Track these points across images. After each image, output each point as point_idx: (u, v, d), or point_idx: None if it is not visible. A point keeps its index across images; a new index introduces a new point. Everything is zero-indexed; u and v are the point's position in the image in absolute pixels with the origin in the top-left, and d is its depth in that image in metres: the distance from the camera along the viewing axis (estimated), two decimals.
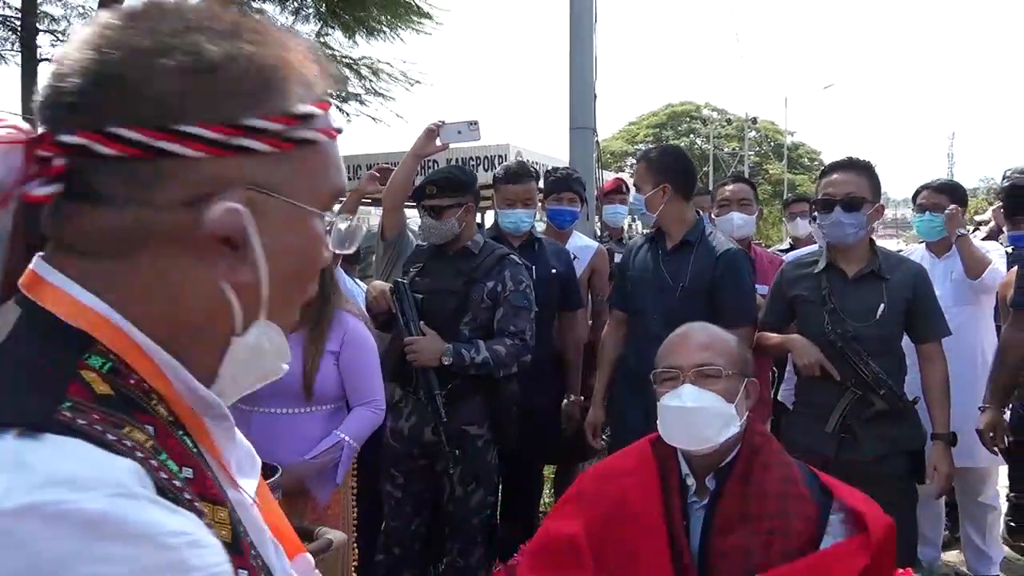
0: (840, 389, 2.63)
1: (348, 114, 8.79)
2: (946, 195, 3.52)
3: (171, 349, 0.60)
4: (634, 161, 3.47)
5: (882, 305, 2.62)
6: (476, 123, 3.04)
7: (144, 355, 0.59)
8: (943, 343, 2.72)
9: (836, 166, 2.76)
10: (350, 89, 8.67)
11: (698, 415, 1.74)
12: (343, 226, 0.69)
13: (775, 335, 2.87)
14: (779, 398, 4.05)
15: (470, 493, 2.76)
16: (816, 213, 2.76)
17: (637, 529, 1.71)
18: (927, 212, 3.52)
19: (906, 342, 2.75)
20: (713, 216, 3.66)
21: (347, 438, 2.41)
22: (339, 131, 0.66)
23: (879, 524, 1.57)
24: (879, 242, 2.86)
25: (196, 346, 0.62)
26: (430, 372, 2.64)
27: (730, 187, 3.68)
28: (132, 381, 0.57)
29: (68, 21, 9.11)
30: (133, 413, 0.55)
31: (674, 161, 3.06)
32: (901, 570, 1.98)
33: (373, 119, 8.86)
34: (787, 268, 2.97)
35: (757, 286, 3.42)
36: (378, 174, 3.22)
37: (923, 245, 3.78)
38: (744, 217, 3.54)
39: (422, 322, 2.69)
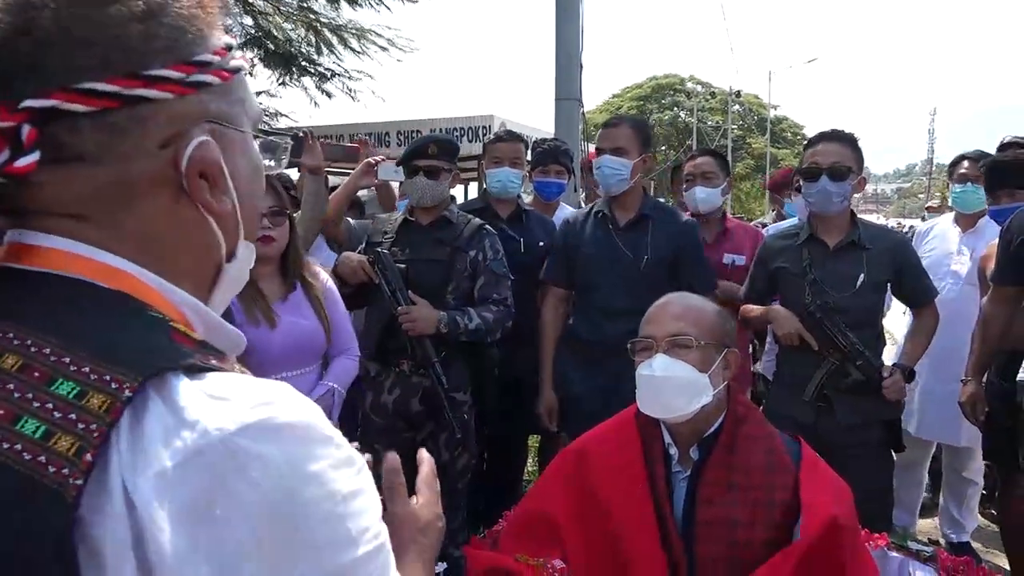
0: (818, 359, 2.68)
1: (328, 92, 8.65)
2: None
3: (183, 289, 0.64)
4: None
5: (862, 275, 2.67)
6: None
7: (170, 305, 0.62)
8: (954, 323, 2.79)
9: (822, 136, 2.79)
10: (333, 60, 8.54)
11: (668, 384, 1.75)
12: (271, 144, 0.75)
13: (757, 307, 2.91)
14: (760, 370, 4.11)
15: (456, 458, 2.80)
16: (801, 183, 2.78)
17: (621, 499, 1.73)
18: (969, 183, 3.50)
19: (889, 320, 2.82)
20: (681, 191, 3.64)
21: (335, 386, 2.51)
22: (250, 59, 0.70)
23: (815, 523, 1.56)
24: (860, 216, 2.89)
25: (198, 282, 0.67)
26: (426, 341, 2.65)
27: (695, 161, 3.61)
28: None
29: None
30: (217, 352, 0.61)
31: (649, 135, 3.11)
32: (876, 534, 2.03)
33: (351, 96, 8.72)
34: (769, 240, 3.00)
35: (732, 256, 3.45)
36: (374, 163, 3.19)
37: (950, 217, 3.75)
38: (707, 190, 3.47)
39: (409, 292, 2.69)
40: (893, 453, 2.78)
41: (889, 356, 2.94)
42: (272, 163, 0.75)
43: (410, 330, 2.63)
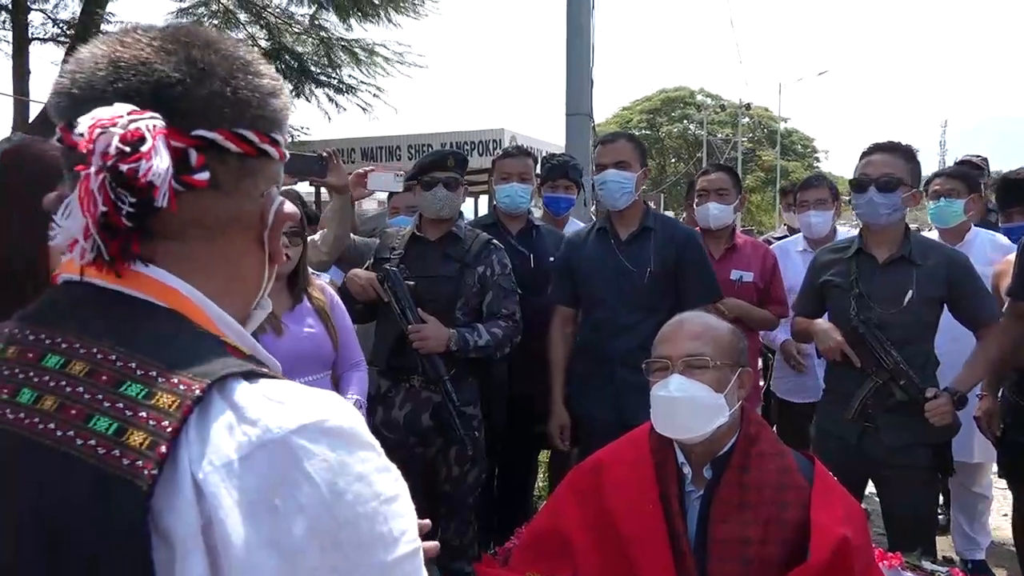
0: (862, 376, 2.61)
1: (338, 104, 8.72)
2: (959, 180, 3.50)
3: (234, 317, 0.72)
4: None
5: (910, 291, 2.57)
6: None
7: (219, 329, 0.68)
8: (960, 339, 2.70)
9: (876, 147, 2.71)
10: (345, 74, 8.61)
11: (685, 405, 1.74)
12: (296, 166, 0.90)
13: (804, 320, 2.87)
14: (770, 387, 4.09)
15: (466, 472, 2.80)
16: (852, 193, 2.72)
17: (634, 518, 1.73)
18: (942, 198, 3.49)
19: (945, 336, 2.73)
20: (693, 206, 3.65)
21: (360, 399, 2.55)
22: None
23: (826, 543, 1.56)
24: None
25: (238, 312, 0.74)
26: (435, 358, 2.65)
27: (708, 176, 3.59)
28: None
29: None
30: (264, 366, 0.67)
31: (645, 149, 3.13)
32: (891, 554, 2.02)
33: (364, 108, 8.79)
34: (820, 253, 2.95)
35: (740, 272, 3.44)
36: (364, 172, 3.20)
37: (935, 234, 3.73)
38: (721, 207, 3.47)
39: (419, 309, 2.69)
40: (940, 476, 2.70)
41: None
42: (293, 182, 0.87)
43: (421, 348, 2.64)
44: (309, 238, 3.13)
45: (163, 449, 0.55)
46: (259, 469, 0.56)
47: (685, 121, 40.21)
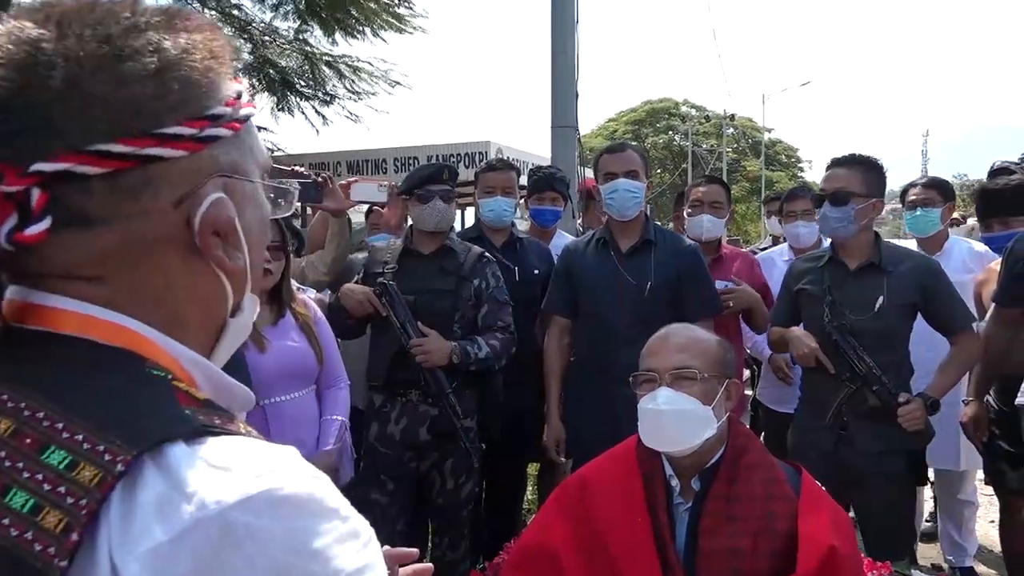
0: (837, 383, 2.64)
1: (325, 117, 8.69)
2: (935, 190, 3.54)
3: (189, 346, 0.62)
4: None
5: (881, 298, 2.61)
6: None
7: (175, 363, 0.60)
8: (939, 347, 2.72)
9: (834, 162, 2.77)
10: (329, 87, 8.59)
11: (673, 418, 1.74)
12: (281, 191, 0.71)
13: (779, 328, 2.89)
14: (757, 397, 4.10)
15: (460, 485, 2.79)
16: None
17: (622, 531, 1.72)
18: (919, 208, 3.52)
19: (920, 343, 2.75)
20: (685, 216, 3.66)
21: (344, 420, 2.54)
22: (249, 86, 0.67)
23: (814, 554, 1.56)
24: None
25: (202, 337, 0.64)
26: (438, 371, 2.65)
27: (703, 188, 3.60)
28: None
29: None
30: (221, 412, 0.57)
31: (648, 162, 3.14)
32: (880, 563, 2.02)
33: (352, 118, 8.77)
34: (796, 263, 2.99)
35: (726, 283, 3.45)
36: (347, 183, 3.21)
37: (913, 243, 3.76)
38: (714, 220, 3.49)
39: (418, 323, 2.68)
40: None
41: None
42: (281, 209, 0.72)
43: (424, 362, 2.63)
44: (306, 258, 3.13)
45: (74, 537, 0.47)
46: (191, 552, 0.48)
47: (670, 132, 40.45)
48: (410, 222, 3.09)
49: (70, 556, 0.47)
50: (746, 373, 4.22)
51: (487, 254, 2.91)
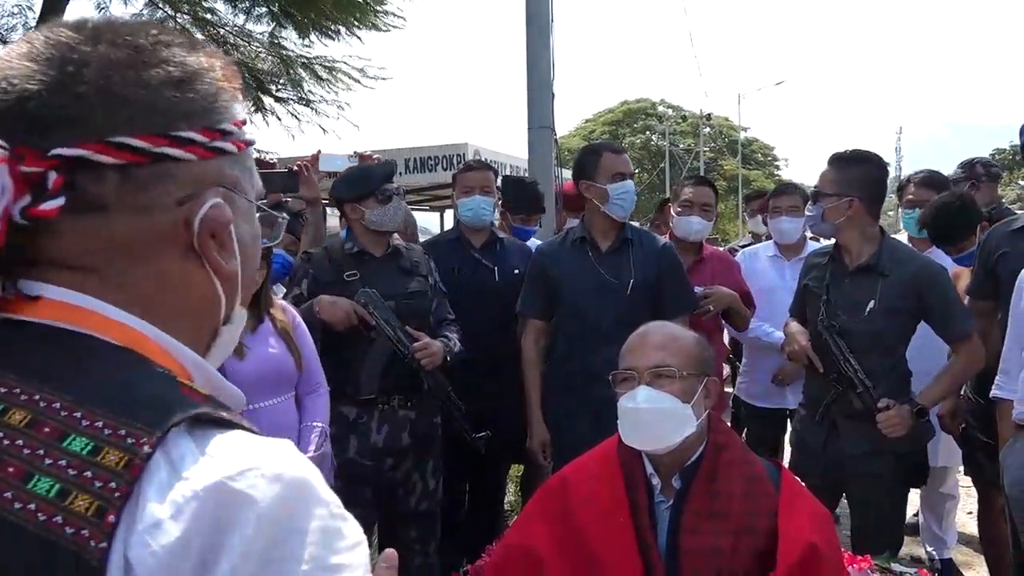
0: (826, 382, 2.65)
1: (300, 119, 8.63)
2: (932, 189, 3.44)
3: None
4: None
5: (872, 301, 2.57)
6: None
7: (175, 361, 0.62)
8: (924, 344, 2.70)
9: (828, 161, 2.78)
10: (305, 91, 8.52)
11: (652, 416, 1.74)
12: (270, 218, 0.77)
13: (789, 321, 2.92)
14: (736, 392, 4.10)
15: (437, 485, 2.82)
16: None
17: (604, 531, 1.71)
18: (916, 208, 3.43)
19: (919, 346, 2.71)
20: (673, 215, 3.66)
21: (324, 426, 2.51)
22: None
23: (794, 551, 1.57)
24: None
25: (197, 342, 0.67)
26: (437, 372, 2.66)
27: (693, 189, 3.55)
28: None
29: None
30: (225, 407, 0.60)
31: None
32: (860, 557, 2.03)
33: (324, 130, 8.72)
34: (809, 256, 3.00)
35: (699, 288, 3.45)
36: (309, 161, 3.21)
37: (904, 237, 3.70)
38: (703, 222, 3.45)
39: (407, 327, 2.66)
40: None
41: None
42: (268, 240, 0.77)
43: (428, 365, 2.62)
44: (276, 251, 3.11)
45: (111, 518, 0.49)
46: (188, 524, 0.50)
47: (647, 132, 40.66)
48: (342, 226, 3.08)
49: (109, 538, 0.49)
50: (726, 370, 4.22)
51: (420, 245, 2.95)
